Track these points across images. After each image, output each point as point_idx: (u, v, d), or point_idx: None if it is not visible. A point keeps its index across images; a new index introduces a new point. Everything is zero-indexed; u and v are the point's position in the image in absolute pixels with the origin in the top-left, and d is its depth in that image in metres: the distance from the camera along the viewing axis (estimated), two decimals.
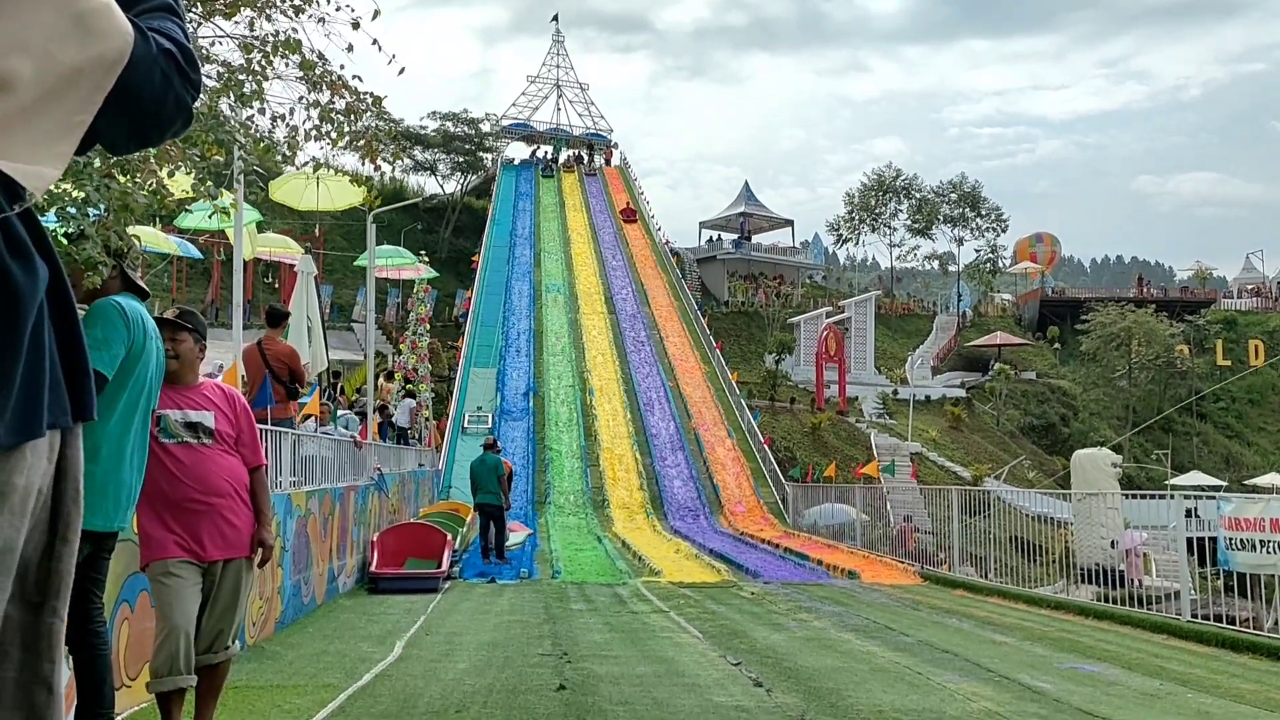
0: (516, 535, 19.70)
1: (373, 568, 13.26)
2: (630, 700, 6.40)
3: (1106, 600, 12.52)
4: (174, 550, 4.58)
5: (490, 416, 28.27)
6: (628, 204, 51.40)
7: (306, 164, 7.99)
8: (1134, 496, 18.65)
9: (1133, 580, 15.91)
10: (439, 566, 13.64)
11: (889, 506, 23.79)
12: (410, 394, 24.36)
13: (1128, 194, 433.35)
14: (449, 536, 14.64)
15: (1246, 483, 39.85)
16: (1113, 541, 17.75)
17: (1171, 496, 13.54)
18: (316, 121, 6.83)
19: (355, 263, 38.34)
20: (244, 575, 4.77)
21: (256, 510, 4.80)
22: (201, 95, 2.28)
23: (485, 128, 59.89)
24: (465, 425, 26.98)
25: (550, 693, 6.59)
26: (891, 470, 26.01)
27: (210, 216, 8.03)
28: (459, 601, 12.00)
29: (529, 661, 7.83)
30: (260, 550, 4.79)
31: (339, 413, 21.51)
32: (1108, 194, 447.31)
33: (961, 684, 7.17)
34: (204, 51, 6.54)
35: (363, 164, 7.80)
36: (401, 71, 7.03)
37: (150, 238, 20.50)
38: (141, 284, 4.58)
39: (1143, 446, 54.00)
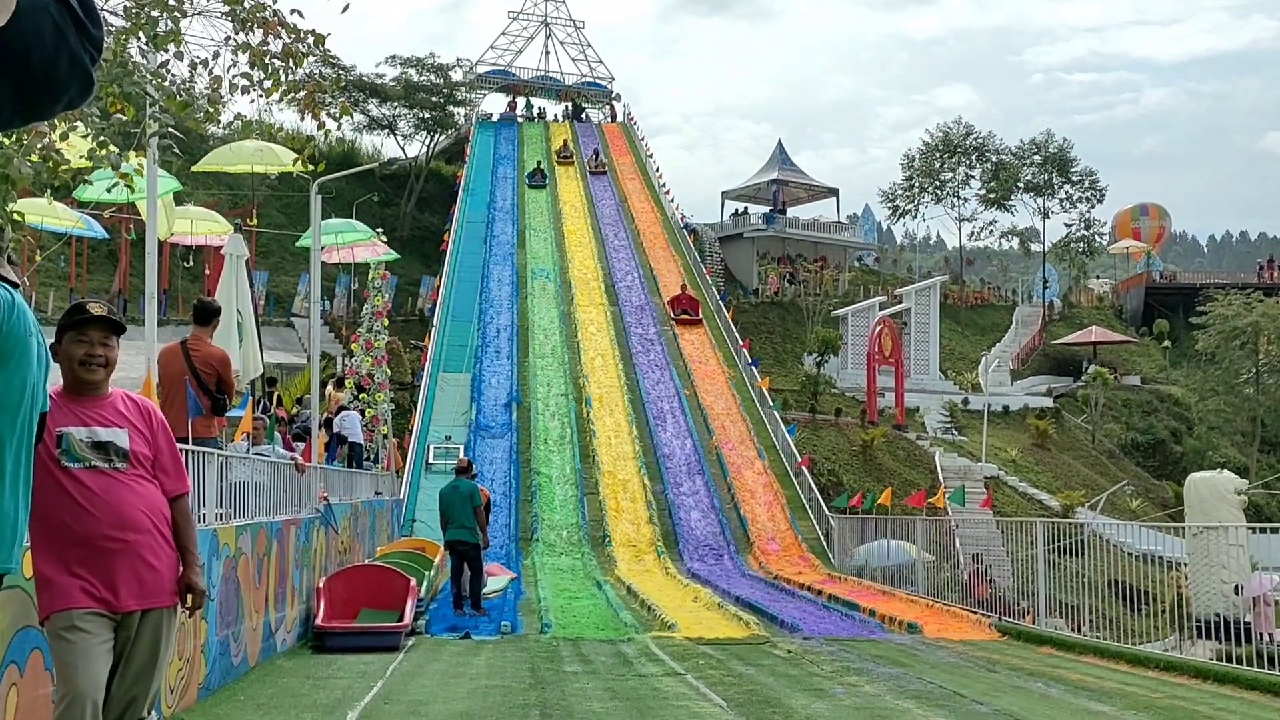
0: (497, 580, 19.73)
1: (319, 621, 13.28)
2: None
3: (1228, 659, 12.50)
4: (80, 599, 4.57)
5: (463, 448, 28.10)
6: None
7: (233, 123, 8.02)
8: (1263, 531, 18.62)
9: (1261, 635, 15.88)
10: (400, 619, 13.66)
11: (958, 543, 23.77)
12: (360, 410, 24.38)
13: (1254, 155, 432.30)
14: (413, 582, 14.66)
15: None
16: (1237, 587, 17.73)
17: None
18: (246, 68, 6.85)
19: (297, 243, 38.47)
20: (165, 629, 4.78)
21: (180, 548, 4.81)
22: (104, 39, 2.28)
23: (456, 76, 60.11)
24: (430, 460, 26.95)
25: None
26: (961, 499, 25.96)
27: (112, 188, 8.03)
28: (425, 662, 12.02)
29: None
30: (190, 596, 4.79)
31: (342, 414, 21.57)
32: (1229, 155, 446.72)
33: None
34: None
35: (303, 119, 7.81)
36: (346, 8, 7.05)
37: (42, 212, 20.59)
38: (10, 274, 4.62)
39: (1274, 468, 53.89)
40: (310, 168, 9.40)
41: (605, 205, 48.02)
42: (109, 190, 8.82)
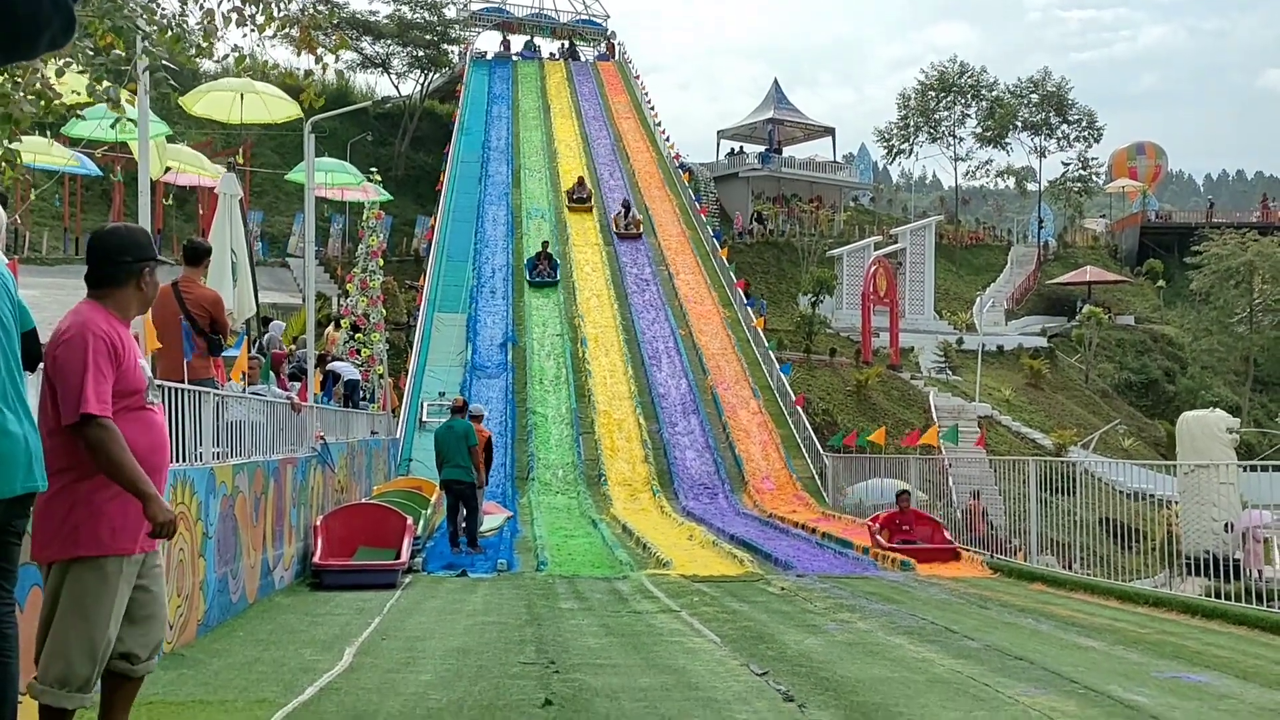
0: (493, 519, 19.80)
1: (316, 558, 13.36)
2: (631, 718, 6.47)
3: (1218, 595, 12.59)
4: (143, 544, 4.72)
5: (459, 389, 28.16)
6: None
7: (226, 57, 7.94)
8: (1254, 469, 18.70)
9: (1251, 571, 16.02)
10: (397, 557, 13.74)
11: (951, 482, 23.89)
12: (355, 349, 24.33)
13: (1253, 93, 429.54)
14: (409, 520, 14.73)
15: None
16: (1227, 524, 17.86)
17: None
18: (238, 2, 6.78)
19: (287, 177, 38.25)
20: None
21: None
22: None
23: (450, 13, 59.50)
24: (424, 418, 26.88)
25: (534, 709, 6.66)
26: (954, 438, 26.04)
27: (113, 126, 7.96)
28: (422, 599, 12.10)
29: (508, 672, 7.91)
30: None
31: (334, 362, 21.57)
32: (1227, 94, 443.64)
33: (1038, 697, 7.24)
34: None
35: (298, 55, 7.75)
36: None
37: (36, 150, 20.46)
38: None
39: (1266, 408, 54.13)
40: (317, 105, 9.31)
41: (600, 145, 47.71)
42: (112, 127, 8.76)
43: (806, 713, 6.72)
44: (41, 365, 4.72)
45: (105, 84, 6.93)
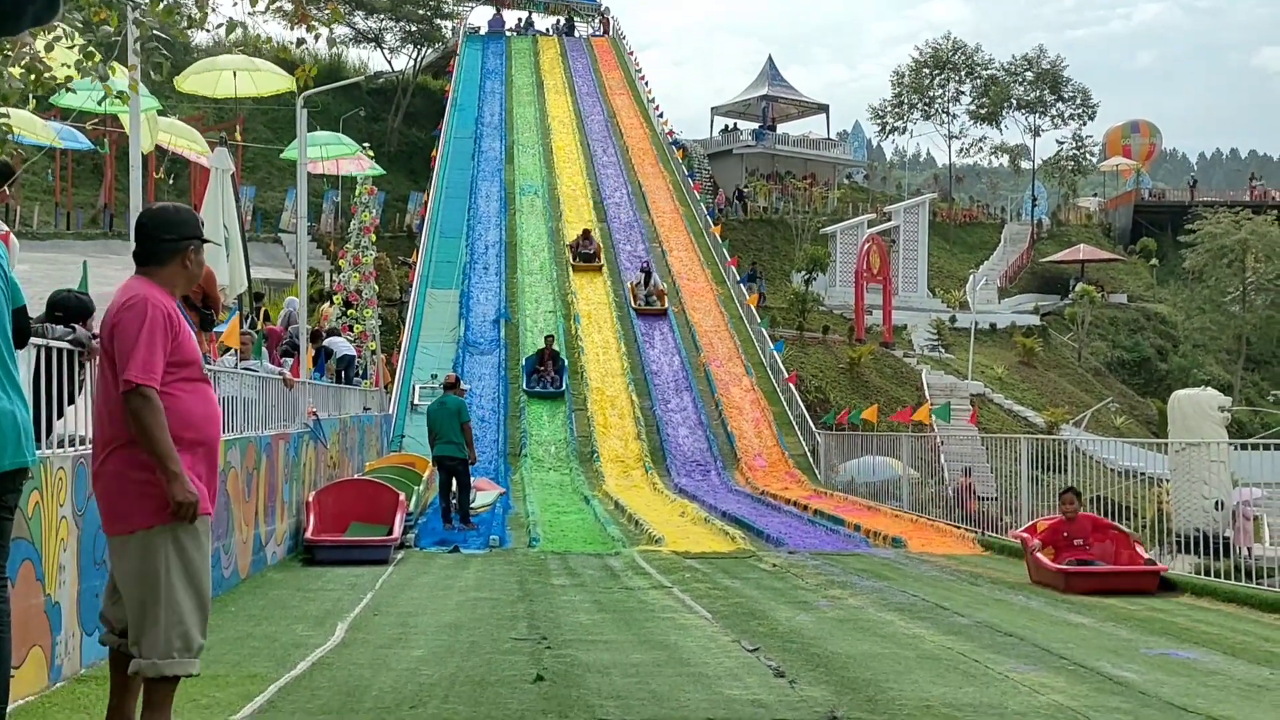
0: (485, 495, 19.84)
1: (308, 534, 13.37)
2: (623, 694, 6.49)
3: (1207, 573, 12.66)
4: (210, 507, 4.87)
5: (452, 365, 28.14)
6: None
7: (220, 26, 7.89)
8: (1245, 447, 18.76)
9: (1240, 549, 16.08)
10: (389, 533, 13.75)
11: (943, 460, 23.92)
12: (349, 325, 24.27)
13: (1247, 71, 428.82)
14: (402, 496, 14.74)
15: None
16: (1218, 502, 17.92)
17: None
18: None
19: (281, 155, 38.14)
20: None
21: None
22: None
23: None
24: (415, 400, 26.82)
25: (526, 685, 6.68)
26: (946, 415, 26.05)
27: (102, 101, 7.91)
28: (414, 575, 12.12)
29: (500, 648, 7.93)
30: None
31: (329, 339, 21.55)
32: (1222, 72, 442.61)
33: (1028, 674, 7.28)
34: None
35: (291, 28, 7.71)
36: None
37: (24, 124, 20.34)
38: None
39: (1258, 386, 54.22)
40: (307, 76, 9.26)
41: (593, 121, 47.60)
42: (99, 103, 8.71)
43: (797, 688, 6.75)
44: (96, 340, 4.84)
45: (95, 59, 6.90)
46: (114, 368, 4.67)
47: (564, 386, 27.26)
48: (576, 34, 61.16)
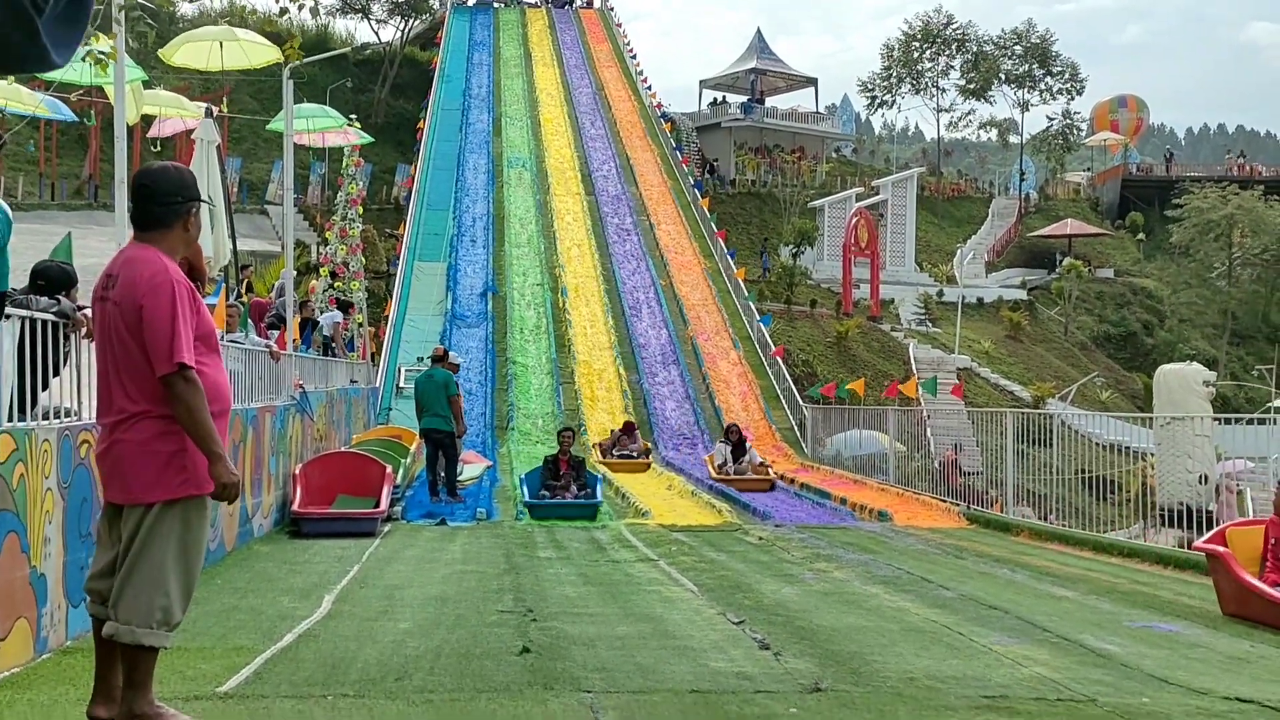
0: (472, 468, 19.84)
1: (295, 506, 13.36)
2: (608, 666, 6.51)
3: (1191, 547, 12.71)
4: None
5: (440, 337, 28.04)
6: None
7: None
8: (1230, 421, 18.85)
9: (1224, 522, 16.11)
10: (376, 505, 13.75)
11: (929, 434, 23.99)
12: (342, 305, 24.13)
13: (1236, 46, 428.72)
14: (388, 469, 14.74)
15: None
16: (1202, 476, 17.97)
17: (1275, 422, 13.69)
18: None
19: (268, 126, 37.93)
20: None
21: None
22: None
23: None
24: (401, 384, 26.69)
25: (511, 657, 6.69)
26: (933, 389, 26.13)
27: (83, 59, 7.82)
28: (401, 548, 12.13)
29: (486, 620, 7.94)
30: None
31: (324, 314, 21.49)
32: (1211, 46, 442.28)
33: (1012, 646, 7.31)
34: None
35: (276, 1, 7.65)
36: None
37: (10, 94, 20.20)
38: None
39: (1243, 361, 54.44)
40: (299, 57, 9.20)
41: (581, 93, 47.44)
42: (83, 61, 8.60)
43: (782, 660, 6.77)
44: (80, 311, 4.78)
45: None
46: (135, 338, 4.58)
47: (599, 499, 16.23)
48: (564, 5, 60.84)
